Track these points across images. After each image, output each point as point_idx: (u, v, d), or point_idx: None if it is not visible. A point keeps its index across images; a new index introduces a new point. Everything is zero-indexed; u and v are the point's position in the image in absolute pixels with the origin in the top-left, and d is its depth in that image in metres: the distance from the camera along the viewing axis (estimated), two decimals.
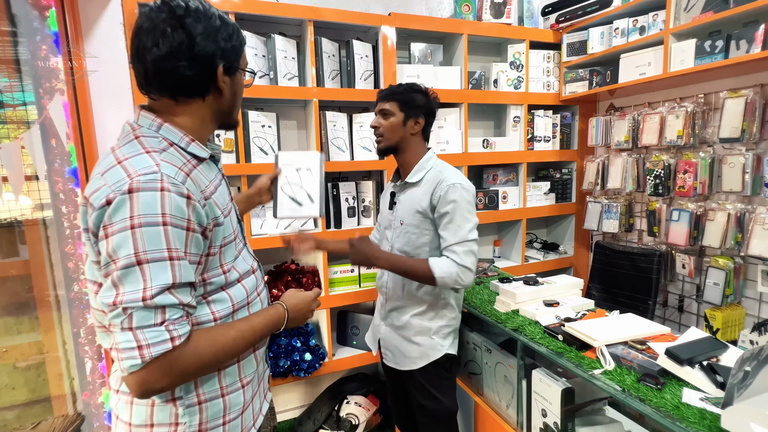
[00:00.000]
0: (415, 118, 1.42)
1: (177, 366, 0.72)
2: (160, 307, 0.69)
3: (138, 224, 0.68)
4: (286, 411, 2.34)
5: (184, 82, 0.80)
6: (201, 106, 0.84)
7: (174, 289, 0.71)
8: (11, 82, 1.63)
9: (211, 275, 0.82)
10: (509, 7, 2.35)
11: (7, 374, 1.75)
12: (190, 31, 0.77)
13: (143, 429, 0.80)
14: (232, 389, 0.87)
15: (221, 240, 0.83)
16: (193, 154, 0.83)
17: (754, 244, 1.71)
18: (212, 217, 0.79)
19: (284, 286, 2.07)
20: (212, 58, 0.80)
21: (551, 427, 1.33)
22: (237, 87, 0.89)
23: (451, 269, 1.32)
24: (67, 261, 1.70)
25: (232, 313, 0.86)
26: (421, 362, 1.46)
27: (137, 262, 0.68)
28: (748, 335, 1.76)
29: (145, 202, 0.69)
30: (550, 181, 2.63)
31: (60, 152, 1.64)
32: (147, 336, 0.68)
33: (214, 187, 0.85)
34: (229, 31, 0.83)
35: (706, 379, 1.05)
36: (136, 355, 0.68)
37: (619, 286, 2.30)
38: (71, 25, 1.63)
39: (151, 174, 0.71)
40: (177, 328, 0.71)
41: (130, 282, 0.68)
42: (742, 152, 1.77)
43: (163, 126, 0.80)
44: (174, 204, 0.71)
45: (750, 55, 1.61)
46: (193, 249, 0.75)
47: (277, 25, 2.03)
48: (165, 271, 0.69)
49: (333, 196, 2.09)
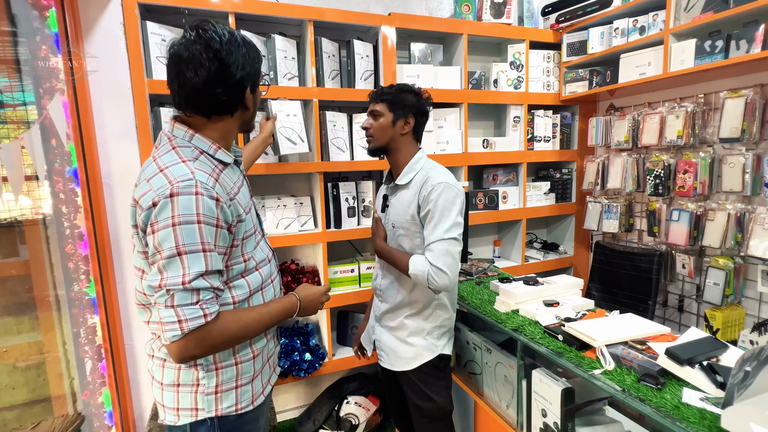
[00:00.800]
0: (404, 118, 1.41)
1: (209, 337, 0.88)
2: (195, 290, 0.85)
3: (178, 222, 0.84)
4: (286, 411, 2.34)
5: (220, 105, 0.95)
6: (230, 121, 1.00)
7: (206, 275, 0.86)
8: (11, 82, 1.63)
9: (233, 263, 0.97)
10: (509, 7, 2.35)
11: (7, 374, 1.75)
12: (225, 62, 0.91)
13: (172, 387, 0.99)
14: (244, 359, 1.03)
15: (243, 234, 0.98)
16: (219, 160, 0.98)
17: (754, 244, 1.71)
18: (236, 215, 0.95)
19: (284, 286, 2.08)
20: (242, 82, 0.95)
21: (551, 427, 1.33)
22: (257, 99, 1.04)
23: (424, 268, 1.31)
24: (67, 261, 1.70)
25: (248, 297, 1.01)
26: (415, 363, 1.47)
27: (178, 253, 0.84)
28: (748, 335, 1.76)
29: (184, 205, 0.84)
30: (550, 181, 2.63)
31: (60, 152, 1.64)
32: (186, 312, 0.84)
33: (237, 188, 1.00)
34: (253, 55, 0.97)
35: (706, 379, 1.05)
36: (176, 328, 0.84)
37: (619, 286, 2.30)
38: (71, 25, 1.63)
39: (187, 181, 0.86)
40: (208, 306, 0.87)
41: (173, 269, 0.84)
42: (742, 152, 1.77)
43: (195, 137, 0.95)
44: (206, 205, 0.86)
45: (750, 55, 1.61)
46: (221, 242, 0.91)
47: (277, 25, 2.03)
48: (200, 260, 0.86)
49: (333, 196, 2.09)
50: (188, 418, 0.99)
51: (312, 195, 2.16)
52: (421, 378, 1.48)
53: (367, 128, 1.44)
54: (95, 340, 1.76)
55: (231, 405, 1.01)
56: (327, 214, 2.09)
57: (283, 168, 1.96)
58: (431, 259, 1.30)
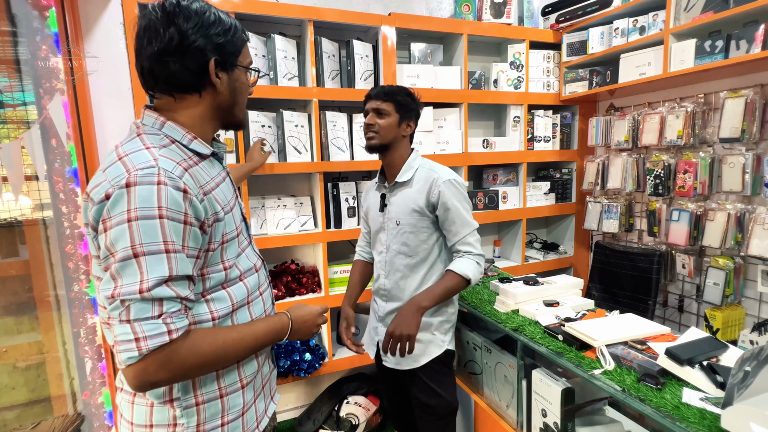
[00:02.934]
0: (407, 121, 1.46)
1: (174, 360, 0.72)
2: (157, 300, 0.70)
3: (135, 217, 0.69)
4: (286, 411, 2.34)
5: (176, 77, 0.81)
6: (198, 103, 0.85)
7: (171, 281, 0.72)
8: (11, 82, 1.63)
9: (211, 270, 0.82)
10: (509, 7, 2.35)
11: (7, 374, 1.75)
12: (181, 27, 0.78)
13: (143, 429, 0.82)
14: (231, 390, 0.87)
15: (221, 236, 0.83)
16: (194, 151, 0.85)
17: (754, 244, 1.71)
18: (212, 212, 0.81)
19: (284, 287, 2.08)
20: (202, 51, 0.81)
21: (551, 427, 1.33)
22: (236, 84, 0.88)
23: (474, 264, 1.41)
24: (67, 261, 1.70)
25: (231, 312, 0.86)
26: (423, 359, 1.47)
27: (134, 254, 0.69)
28: (748, 335, 1.76)
29: (142, 196, 0.70)
30: (550, 181, 2.63)
31: (60, 152, 1.64)
32: (144, 328, 0.69)
33: (215, 183, 0.86)
34: (224, 27, 0.83)
35: (706, 379, 1.05)
36: (133, 347, 0.69)
37: (619, 286, 2.30)
38: (71, 25, 1.63)
39: (148, 168, 0.72)
40: (174, 321, 0.72)
41: (128, 275, 0.69)
42: (742, 152, 1.77)
43: (166, 124, 0.82)
44: (170, 197, 0.72)
45: (750, 55, 1.61)
46: (191, 243, 0.76)
47: (277, 25, 2.03)
48: (161, 263, 0.70)
49: (333, 196, 2.09)
50: None
51: (312, 195, 2.16)
52: (429, 374, 1.48)
53: (372, 125, 1.44)
54: (95, 339, 1.76)
55: None
56: (327, 214, 2.09)
57: (283, 168, 1.96)
58: (473, 249, 1.42)
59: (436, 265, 1.48)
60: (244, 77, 0.91)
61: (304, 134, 2.01)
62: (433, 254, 1.47)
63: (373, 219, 1.56)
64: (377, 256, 1.56)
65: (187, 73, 0.81)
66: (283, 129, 1.95)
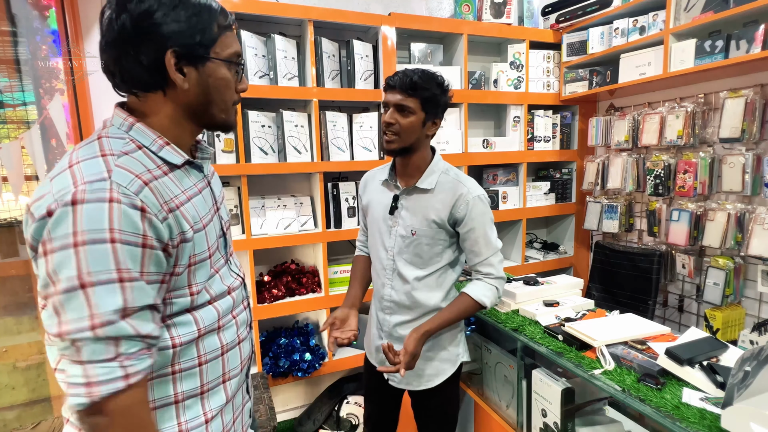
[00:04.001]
0: (434, 119, 1.26)
1: (133, 410, 0.64)
2: (112, 339, 0.61)
3: (81, 242, 0.59)
4: (286, 411, 2.34)
5: (129, 72, 0.70)
6: (164, 103, 0.73)
7: (128, 317, 0.62)
8: (11, 82, 1.63)
9: (175, 295, 0.71)
10: (509, 7, 2.35)
11: (7, 374, 1.75)
12: (132, 13, 0.66)
13: None
14: (192, 425, 0.75)
15: (188, 258, 0.72)
16: (164, 160, 0.73)
17: (754, 244, 1.71)
18: (178, 232, 0.70)
19: (284, 287, 2.08)
20: (156, 41, 0.68)
21: (551, 427, 1.33)
22: (210, 80, 0.74)
23: (492, 290, 1.30)
24: None
25: (197, 339, 0.75)
26: (437, 380, 1.36)
27: (80, 285, 0.59)
28: (748, 335, 1.76)
29: (90, 216, 0.60)
30: (550, 181, 2.63)
31: (60, 152, 1.64)
32: (97, 371, 0.60)
33: (186, 197, 0.74)
34: (190, 11, 0.69)
35: (706, 379, 1.05)
36: (82, 392, 0.60)
37: (619, 286, 2.30)
38: (71, 25, 1.63)
39: (98, 182, 0.62)
40: (134, 363, 0.62)
41: (73, 309, 0.59)
42: (742, 152, 1.77)
43: (135, 126, 0.71)
44: (125, 217, 0.61)
45: (750, 55, 1.61)
46: (152, 268, 0.65)
47: (277, 25, 2.03)
48: (113, 294, 0.61)
49: (333, 196, 2.09)
50: None
51: (312, 195, 2.16)
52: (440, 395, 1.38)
53: (392, 124, 1.23)
54: None
55: None
56: (327, 214, 2.09)
57: (283, 168, 1.96)
58: (494, 271, 1.30)
59: (448, 273, 1.37)
60: (224, 71, 0.76)
61: (304, 134, 2.01)
62: (444, 261, 1.34)
63: (375, 218, 1.40)
64: (376, 261, 1.42)
65: (139, 68, 0.69)
66: (283, 129, 1.95)
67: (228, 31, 0.76)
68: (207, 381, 0.77)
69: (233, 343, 0.82)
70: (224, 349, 0.80)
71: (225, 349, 0.80)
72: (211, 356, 0.77)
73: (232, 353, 0.82)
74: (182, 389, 0.74)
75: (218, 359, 0.79)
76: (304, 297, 2.08)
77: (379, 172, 1.44)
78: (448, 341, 1.38)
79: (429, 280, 1.34)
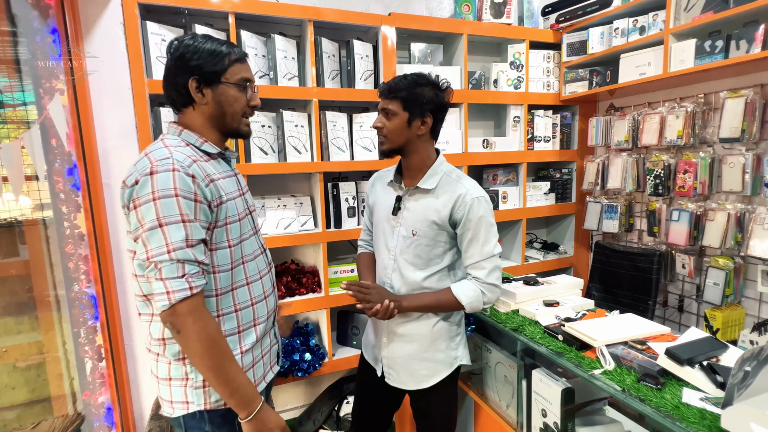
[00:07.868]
0: (421, 117, 1.27)
1: (199, 308, 0.94)
2: (180, 262, 0.91)
3: (158, 197, 0.91)
4: (286, 411, 2.34)
5: (175, 97, 1.06)
6: (194, 114, 1.07)
7: (190, 246, 0.92)
8: (11, 82, 1.63)
9: (217, 246, 1.02)
10: (509, 7, 2.35)
11: (7, 374, 1.75)
12: (172, 58, 1.04)
13: (166, 381, 1.04)
14: None
15: (225, 217, 1.03)
16: (205, 151, 1.06)
17: (754, 244, 1.71)
18: (217, 196, 1.01)
19: (284, 287, 2.08)
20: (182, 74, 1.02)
21: (551, 427, 1.33)
22: (222, 97, 1.06)
23: (476, 291, 1.29)
24: (67, 261, 1.70)
25: (231, 290, 1.05)
26: (432, 380, 1.37)
27: (159, 224, 0.90)
28: (748, 335, 1.76)
29: (161, 180, 0.91)
30: (550, 181, 2.63)
31: (60, 152, 1.64)
32: (173, 285, 0.91)
33: (221, 176, 1.06)
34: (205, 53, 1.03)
35: (706, 379, 1.05)
36: (165, 298, 0.91)
37: (619, 286, 2.30)
38: (71, 25, 1.63)
39: (164, 159, 0.94)
40: (194, 280, 0.93)
41: (155, 240, 0.90)
42: (742, 152, 1.77)
43: (183, 131, 1.06)
44: (183, 180, 0.93)
45: (750, 55, 1.61)
46: (202, 216, 0.96)
47: (277, 25, 2.03)
48: (180, 230, 0.91)
49: (333, 196, 2.09)
50: (181, 410, 1.04)
51: (312, 195, 2.16)
52: (436, 395, 1.39)
53: (380, 128, 1.30)
54: (95, 339, 1.76)
55: (219, 399, 1.03)
56: (327, 214, 2.09)
57: (283, 168, 1.96)
58: (484, 276, 1.28)
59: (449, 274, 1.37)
60: (234, 91, 1.06)
61: (304, 134, 2.01)
62: (445, 263, 1.35)
63: (380, 218, 1.42)
64: (379, 260, 1.44)
65: (175, 92, 1.05)
66: (283, 129, 1.95)
67: (238, 63, 1.07)
68: (242, 323, 1.08)
69: (260, 297, 1.13)
70: (253, 301, 1.11)
71: (254, 301, 1.11)
72: (244, 306, 1.08)
73: (260, 305, 1.13)
74: (224, 328, 1.04)
75: (249, 308, 1.10)
76: (304, 297, 2.08)
77: (387, 173, 1.46)
78: (444, 343, 1.38)
79: (430, 281, 1.34)
